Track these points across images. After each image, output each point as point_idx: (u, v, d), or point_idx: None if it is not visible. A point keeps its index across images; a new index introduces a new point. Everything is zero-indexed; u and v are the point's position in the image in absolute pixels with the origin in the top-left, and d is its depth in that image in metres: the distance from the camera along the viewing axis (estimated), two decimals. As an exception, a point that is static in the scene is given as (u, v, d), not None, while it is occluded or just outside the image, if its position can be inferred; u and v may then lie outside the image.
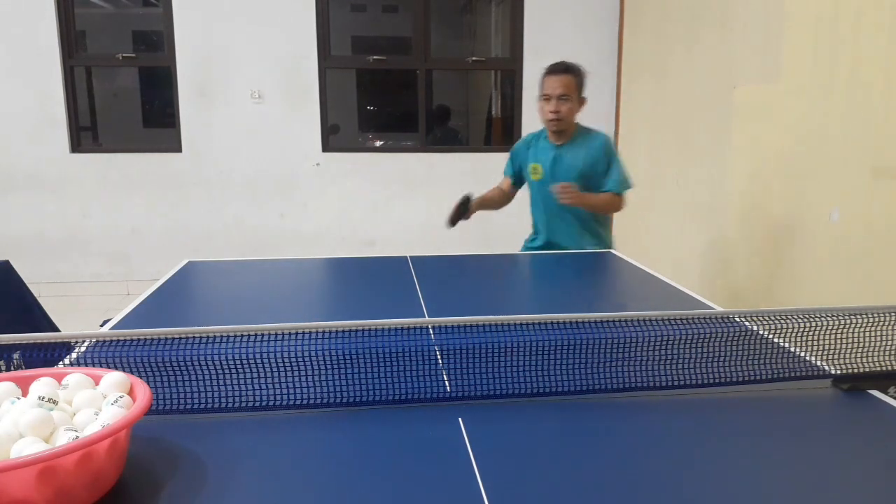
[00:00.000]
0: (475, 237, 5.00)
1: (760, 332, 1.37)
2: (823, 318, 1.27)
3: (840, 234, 2.58)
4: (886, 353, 1.26)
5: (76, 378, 0.97)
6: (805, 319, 1.27)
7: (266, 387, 1.15)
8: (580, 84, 2.67)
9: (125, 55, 4.91)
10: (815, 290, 2.72)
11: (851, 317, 1.27)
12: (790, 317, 1.29)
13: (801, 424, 1.11)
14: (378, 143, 6.77)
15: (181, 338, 1.18)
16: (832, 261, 2.62)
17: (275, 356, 1.16)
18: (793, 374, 1.25)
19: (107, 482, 0.86)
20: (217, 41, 4.75)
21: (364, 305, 1.87)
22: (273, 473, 0.94)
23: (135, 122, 6.60)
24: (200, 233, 4.99)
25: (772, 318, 1.31)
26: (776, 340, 1.39)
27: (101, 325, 1.70)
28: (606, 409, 1.16)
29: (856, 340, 1.26)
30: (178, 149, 4.90)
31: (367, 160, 5.11)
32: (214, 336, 1.18)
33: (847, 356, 1.25)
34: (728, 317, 1.33)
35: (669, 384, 1.22)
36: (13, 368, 1.15)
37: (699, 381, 1.22)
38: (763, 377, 1.23)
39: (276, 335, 1.18)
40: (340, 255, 2.66)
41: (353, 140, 6.72)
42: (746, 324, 1.35)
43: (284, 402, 1.13)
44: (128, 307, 1.79)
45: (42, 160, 4.79)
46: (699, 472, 0.96)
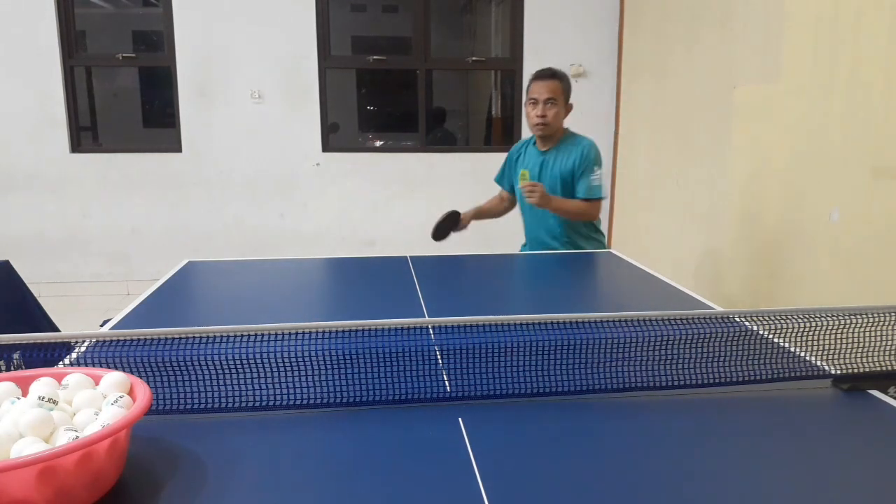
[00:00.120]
0: (475, 238, 5.00)
1: (760, 332, 1.37)
2: (823, 318, 1.27)
3: (840, 234, 2.57)
4: (886, 353, 1.26)
5: (76, 378, 0.97)
6: (805, 319, 1.27)
7: (266, 387, 1.15)
8: (566, 90, 2.69)
9: (125, 55, 4.91)
10: (815, 290, 2.72)
11: (851, 317, 1.28)
12: (790, 317, 1.29)
13: (801, 424, 1.11)
14: (378, 143, 6.77)
15: (181, 338, 1.18)
16: (832, 261, 2.62)
17: (275, 356, 1.16)
18: (793, 374, 1.25)
19: (107, 482, 0.86)
20: (217, 41, 4.76)
21: (364, 305, 1.87)
22: (273, 473, 0.94)
23: (135, 122, 6.60)
24: (200, 233, 4.99)
25: (772, 318, 1.31)
26: (776, 340, 1.39)
27: (101, 325, 1.70)
28: (606, 409, 1.16)
29: (856, 340, 1.26)
30: (178, 149, 4.90)
31: (367, 160, 5.11)
32: (214, 336, 1.18)
33: (847, 356, 1.25)
34: (728, 317, 1.33)
35: (669, 384, 1.22)
36: (13, 368, 1.15)
37: (699, 381, 1.22)
38: (763, 377, 1.23)
39: (276, 335, 1.18)
40: (340, 255, 2.66)
41: (353, 140, 6.72)
42: (746, 324, 1.35)
43: (284, 402, 1.13)
44: (128, 307, 1.79)
45: (42, 160, 4.79)
46: (699, 472, 0.96)
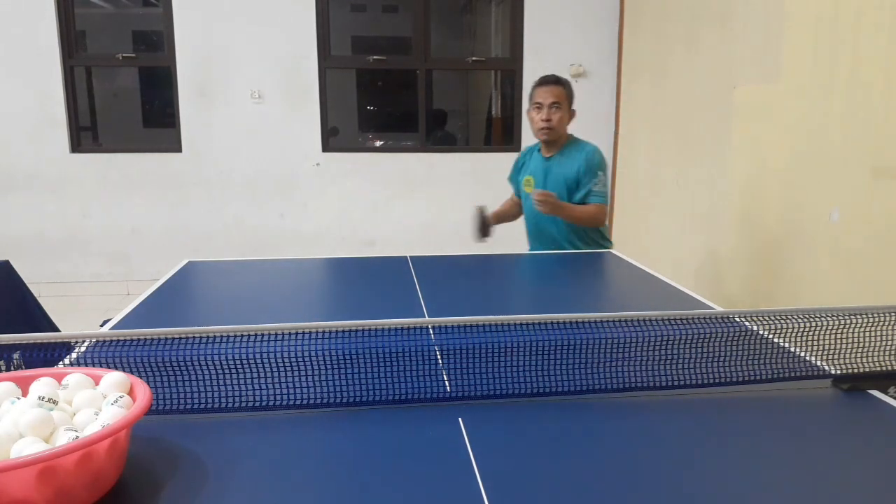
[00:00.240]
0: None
1: (760, 332, 1.37)
2: (823, 318, 1.27)
3: (840, 234, 2.57)
4: (886, 353, 1.26)
5: (76, 378, 0.97)
6: (805, 319, 1.27)
7: (266, 387, 1.15)
8: (570, 95, 2.71)
9: (125, 55, 4.91)
10: (815, 290, 2.72)
11: (851, 317, 1.27)
12: (790, 317, 1.29)
13: (801, 424, 1.11)
14: (378, 144, 6.77)
15: (181, 338, 1.18)
16: (832, 261, 2.62)
17: (275, 356, 1.16)
18: (793, 374, 1.25)
19: (107, 482, 0.86)
20: (217, 41, 4.76)
21: (364, 305, 1.87)
22: (273, 473, 0.94)
23: (135, 122, 6.61)
24: (200, 233, 4.99)
25: (772, 318, 1.31)
26: (776, 340, 1.39)
27: (101, 325, 1.70)
28: (606, 409, 1.16)
29: (856, 340, 1.26)
30: (178, 149, 4.90)
31: (367, 160, 5.11)
32: (214, 336, 1.18)
33: (847, 356, 1.25)
34: (728, 317, 1.33)
35: (669, 384, 1.22)
36: (13, 368, 1.15)
37: (699, 381, 1.22)
38: (763, 377, 1.23)
39: (276, 335, 1.18)
40: (340, 255, 2.66)
41: (353, 140, 6.72)
42: (746, 324, 1.35)
43: (284, 402, 1.13)
44: (128, 307, 1.79)
45: (42, 160, 4.79)
46: (699, 472, 0.96)
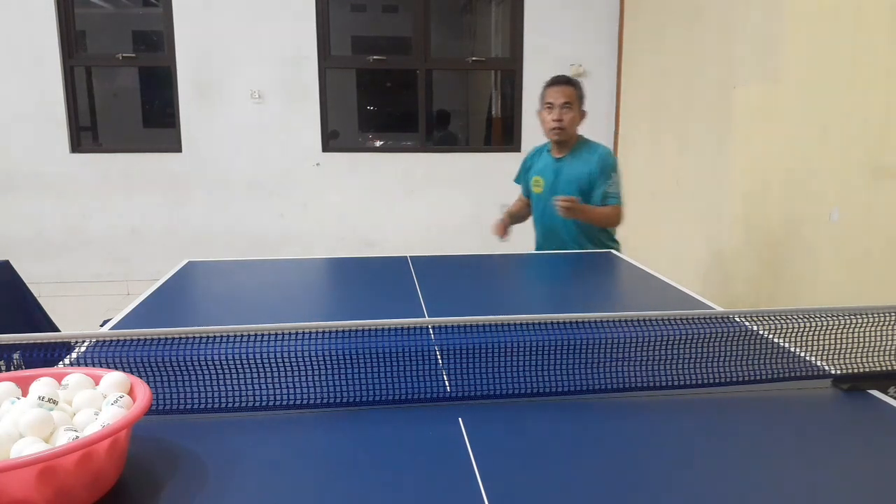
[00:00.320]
0: (475, 237, 5.01)
1: (760, 332, 1.37)
2: (823, 318, 1.27)
3: (840, 234, 2.57)
4: (886, 353, 1.26)
5: (76, 378, 0.97)
6: (805, 319, 1.27)
7: (266, 387, 1.15)
8: (581, 96, 2.70)
9: (125, 55, 4.91)
10: (815, 290, 2.72)
11: (851, 317, 1.27)
12: (790, 317, 1.29)
13: (801, 424, 1.11)
14: (378, 144, 6.77)
15: (181, 338, 1.18)
16: (832, 261, 2.62)
17: (275, 356, 1.16)
18: (793, 374, 1.25)
19: (107, 482, 0.86)
20: (217, 41, 4.76)
21: (364, 305, 1.87)
22: (273, 474, 0.94)
23: (135, 122, 6.61)
24: (200, 233, 4.99)
25: (772, 318, 1.31)
26: (776, 340, 1.39)
27: (101, 325, 1.70)
28: (606, 409, 1.16)
29: (856, 340, 1.26)
30: (178, 149, 4.90)
31: (367, 160, 5.11)
32: (214, 336, 1.18)
33: (847, 356, 1.25)
34: (728, 317, 1.33)
35: (669, 384, 1.22)
36: (13, 368, 1.15)
37: (699, 381, 1.22)
38: (763, 377, 1.23)
39: (276, 335, 1.18)
40: (340, 255, 2.66)
41: (353, 140, 6.72)
42: (746, 324, 1.35)
43: (284, 402, 1.13)
44: (128, 307, 1.79)
45: (42, 160, 4.79)
46: (699, 472, 0.96)
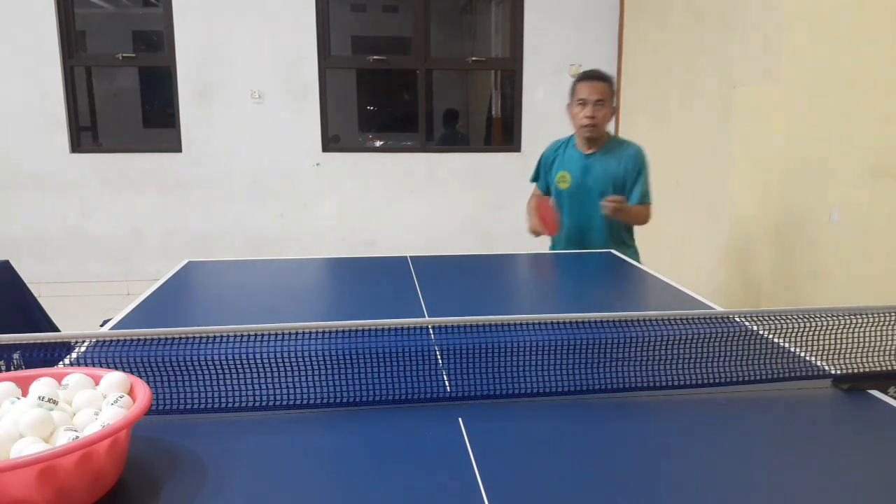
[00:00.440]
0: (475, 237, 5.01)
1: (760, 332, 1.37)
2: (823, 318, 1.27)
3: (840, 234, 2.57)
4: (886, 353, 1.26)
5: (76, 378, 0.97)
6: (805, 319, 1.27)
7: (266, 387, 1.15)
8: (612, 93, 2.65)
9: (125, 55, 4.91)
10: (815, 290, 2.72)
11: (851, 317, 1.27)
12: (790, 317, 1.29)
13: (801, 424, 1.11)
14: (378, 143, 6.78)
15: (181, 338, 1.18)
16: (832, 261, 2.62)
17: (275, 356, 1.16)
18: (793, 374, 1.25)
19: (107, 482, 0.86)
20: (217, 41, 4.75)
21: (364, 305, 1.87)
22: (273, 473, 0.94)
23: (135, 122, 6.62)
24: (200, 233, 4.99)
25: (772, 318, 1.31)
26: (776, 340, 1.39)
27: (101, 325, 1.70)
28: (606, 409, 1.16)
29: (856, 340, 1.26)
30: (178, 149, 4.90)
31: (367, 160, 5.11)
32: (214, 336, 1.18)
33: (847, 356, 1.25)
34: (728, 317, 1.33)
35: (669, 384, 1.22)
36: (13, 368, 1.15)
37: (699, 381, 1.22)
38: (763, 377, 1.23)
39: (276, 335, 1.18)
40: (340, 255, 2.66)
41: (353, 140, 6.73)
42: (746, 324, 1.35)
43: (284, 402, 1.13)
44: (128, 307, 1.79)
45: (42, 160, 4.79)
46: (699, 472, 0.96)
